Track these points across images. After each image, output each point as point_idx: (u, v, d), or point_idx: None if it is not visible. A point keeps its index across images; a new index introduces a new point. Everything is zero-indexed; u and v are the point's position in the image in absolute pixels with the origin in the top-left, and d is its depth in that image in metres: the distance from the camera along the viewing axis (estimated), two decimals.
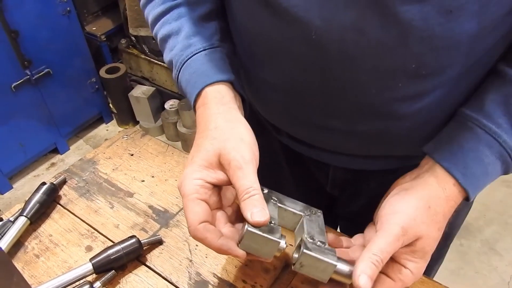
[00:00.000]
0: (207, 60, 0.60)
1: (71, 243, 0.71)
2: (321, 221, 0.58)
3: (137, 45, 2.46)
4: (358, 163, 0.72)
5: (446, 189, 0.54)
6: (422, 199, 0.53)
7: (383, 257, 0.50)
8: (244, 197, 0.50)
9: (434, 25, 0.46)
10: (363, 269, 0.49)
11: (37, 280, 0.66)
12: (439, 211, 0.53)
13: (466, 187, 0.53)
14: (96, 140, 2.61)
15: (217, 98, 0.58)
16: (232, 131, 0.54)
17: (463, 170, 0.54)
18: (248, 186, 0.50)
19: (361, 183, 0.80)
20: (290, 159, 0.85)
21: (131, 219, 0.75)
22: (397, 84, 0.53)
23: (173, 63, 0.63)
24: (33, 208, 0.73)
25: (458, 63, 0.52)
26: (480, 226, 2.06)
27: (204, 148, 0.54)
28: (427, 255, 0.53)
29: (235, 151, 0.52)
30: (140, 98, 2.46)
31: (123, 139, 0.90)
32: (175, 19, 0.64)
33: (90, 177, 0.82)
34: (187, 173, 0.53)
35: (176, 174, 0.82)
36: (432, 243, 0.53)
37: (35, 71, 2.14)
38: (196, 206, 0.51)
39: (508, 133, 0.53)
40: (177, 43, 0.63)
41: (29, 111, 2.21)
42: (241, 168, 0.51)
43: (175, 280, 0.65)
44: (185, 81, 0.61)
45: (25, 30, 2.04)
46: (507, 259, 1.93)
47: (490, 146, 0.53)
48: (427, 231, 0.52)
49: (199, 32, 0.62)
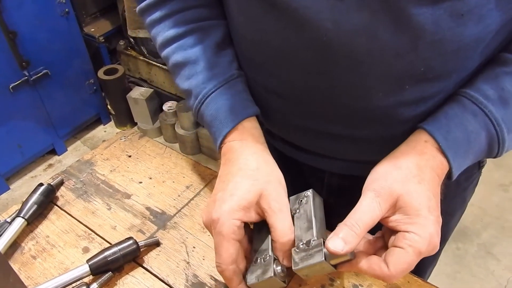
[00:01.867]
0: (233, 94, 0.62)
1: (68, 244, 0.71)
2: (309, 208, 0.57)
3: (136, 46, 2.46)
4: (355, 169, 0.72)
5: (416, 146, 0.53)
6: (389, 163, 0.54)
7: (357, 217, 0.50)
8: (282, 240, 0.55)
9: (445, 29, 0.46)
10: (335, 232, 0.50)
11: (34, 281, 0.66)
12: (411, 166, 0.52)
13: (446, 150, 0.52)
14: (94, 142, 2.61)
15: (255, 136, 0.61)
16: (272, 174, 0.58)
17: (445, 134, 0.53)
18: (287, 228, 0.55)
19: (357, 190, 0.80)
20: (285, 165, 0.85)
21: (129, 220, 0.74)
22: (404, 87, 0.53)
23: (192, 93, 0.64)
24: (30, 209, 0.73)
25: (464, 67, 0.52)
26: (477, 230, 2.06)
27: (245, 188, 0.56)
28: (422, 211, 0.50)
29: (276, 194, 0.56)
30: (138, 100, 2.46)
31: (121, 141, 0.90)
32: (190, 46, 0.64)
33: (88, 179, 0.82)
34: (225, 211, 0.55)
35: (173, 175, 0.82)
36: (418, 197, 0.50)
37: (33, 72, 2.14)
38: (231, 247, 0.55)
39: (495, 104, 0.52)
40: (195, 73, 0.63)
41: (27, 112, 2.20)
42: (282, 211, 0.55)
43: (172, 282, 0.65)
44: (210, 116, 0.62)
45: (24, 31, 2.04)
46: (503, 263, 1.93)
47: (475, 114, 0.53)
48: (404, 188, 0.51)
49: (219, 63, 0.64)
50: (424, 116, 0.57)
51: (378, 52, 0.50)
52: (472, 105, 0.53)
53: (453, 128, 0.53)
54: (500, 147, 0.54)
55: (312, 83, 0.57)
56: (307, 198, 0.58)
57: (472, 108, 0.53)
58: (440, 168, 0.53)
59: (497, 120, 0.52)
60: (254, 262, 0.57)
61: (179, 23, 0.66)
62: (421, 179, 0.51)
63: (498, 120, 0.52)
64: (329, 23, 0.49)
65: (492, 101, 0.53)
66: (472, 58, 0.52)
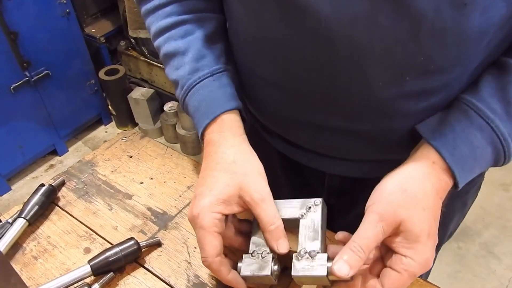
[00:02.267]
0: (217, 87, 0.62)
1: (69, 245, 0.71)
2: (317, 218, 0.58)
3: (137, 47, 2.47)
4: (355, 170, 0.71)
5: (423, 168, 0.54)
6: (396, 183, 0.54)
7: (362, 243, 0.51)
8: (270, 228, 0.56)
9: (446, 18, 0.46)
10: (340, 255, 0.51)
11: (35, 282, 0.66)
12: (417, 190, 0.53)
13: (453, 167, 0.53)
14: (95, 142, 2.61)
15: (233, 129, 0.61)
16: (249, 164, 0.59)
17: (452, 150, 0.53)
18: (272, 216, 0.56)
19: (358, 192, 0.80)
20: (286, 168, 0.85)
21: (130, 221, 0.74)
22: (404, 78, 0.52)
23: (179, 83, 0.65)
24: (32, 210, 0.73)
25: (466, 60, 0.52)
26: (478, 230, 2.06)
27: (224, 182, 0.57)
28: (421, 238, 0.51)
29: (256, 185, 0.57)
30: (139, 100, 2.46)
31: (122, 141, 0.90)
32: (181, 36, 0.65)
33: (89, 179, 0.82)
34: (205, 205, 0.56)
35: (174, 176, 0.82)
36: (420, 224, 0.52)
37: (34, 72, 2.14)
38: (214, 240, 0.56)
39: (502, 119, 0.52)
40: (183, 64, 0.64)
41: (28, 113, 2.21)
42: (264, 201, 0.56)
43: (173, 282, 0.65)
44: (193, 107, 0.63)
45: (24, 32, 2.04)
46: (505, 263, 1.93)
47: (481, 129, 0.53)
48: (408, 214, 0.52)
49: (206, 55, 0.64)
50: (426, 114, 0.57)
51: (378, 39, 0.49)
52: (479, 118, 0.53)
53: (460, 144, 0.53)
54: (506, 159, 0.55)
55: (312, 73, 0.56)
56: (316, 207, 0.59)
57: (479, 122, 0.53)
58: (444, 190, 0.54)
59: (503, 135, 0.53)
60: (251, 254, 0.57)
61: (172, 14, 0.66)
62: (426, 206, 0.53)
63: (504, 135, 0.53)
64: (328, 9, 0.48)
65: (499, 116, 0.53)
66: (474, 54, 0.51)
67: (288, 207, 0.60)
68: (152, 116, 2.54)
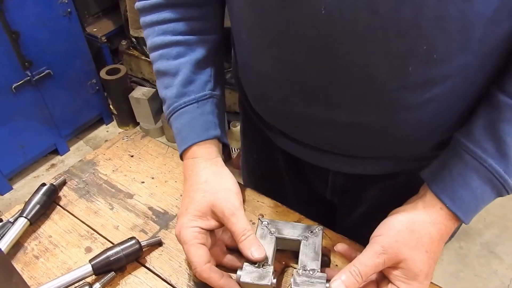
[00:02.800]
0: (199, 114, 0.68)
1: (70, 244, 0.71)
2: (318, 242, 0.63)
3: (138, 46, 2.47)
4: (358, 167, 0.71)
5: (432, 214, 0.57)
6: (405, 223, 0.57)
7: (361, 268, 0.54)
8: (242, 239, 0.60)
9: (449, 4, 0.45)
10: (339, 275, 0.54)
11: (37, 281, 0.66)
12: (424, 233, 0.56)
13: (454, 210, 0.56)
14: (96, 141, 2.61)
15: (205, 155, 0.67)
16: (220, 183, 0.64)
17: (451, 195, 0.56)
18: (243, 228, 0.60)
19: (360, 189, 0.80)
20: (290, 167, 0.85)
21: (131, 220, 0.75)
22: (407, 68, 0.52)
23: (166, 102, 0.70)
24: (33, 209, 0.73)
25: (470, 49, 0.51)
26: (479, 229, 2.06)
27: (197, 200, 0.62)
28: (419, 277, 0.55)
29: (226, 201, 0.61)
30: (141, 100, 2.46)
31: (123, 141, 0.90)
32: (173, 57, 0.68)
33: (90, 178, 0.82)
34: (183, 223, 0.61)
35: (176, 175, 0.82)
36: (420, 265, 0.55)
37: (35, 72, 2.14)
38: (198, 250, 0.59)
39: (494, 158, 0.54)
40: (172, 85, 0.68)
41: (29, 112, 2.21)
42: (234, 215, 0.60)
43: (174, 281, 0.65)
44: (176, 129, 0.69)
45: (26, 31, 2.04)
46: (506, 262, 1.93)
47: (477, 170, 0.55)
48: (411, 253, 0.55)
49: (194, 80, 0.69)
50: (429, 106, 0.56)
51: (379, 28, 0.49)
52: (473, 160, 0.55)
53: (457, 187, 0.56)
54: (509, 192, 0.56)
55: (314, 64, 0.56)
56: (318, 232, 0.64)
57: (473, 164, 0.55)
58: (448, 234, 0.58)
59: (498, 173, 0.54)
60: (251, 262, 0.60)
61: (168, 32, 0.68)
62: (429, 249, 0.56)
63: (500, 173, 0.54)
64: None
65: (491, 155, 0.54)
66: (480, 41, 0.50)
67: (290, 228, 0.65)
68: (153, 115, 2.54)
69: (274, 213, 0.74)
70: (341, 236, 0.70)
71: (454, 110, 0.59)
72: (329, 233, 0.70)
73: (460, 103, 0.58)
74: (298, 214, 0.73)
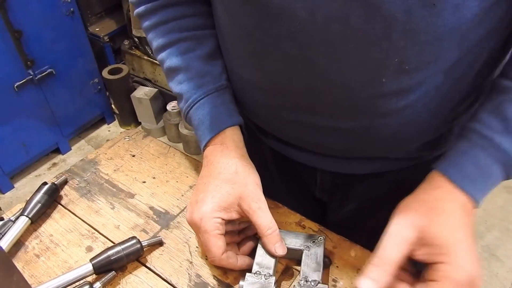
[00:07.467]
0: (220, 103, 0.67)
1: (71, 243, 0.71)
2: (320, 252, 0.63)
3: (140, 46, 2.47)
4: (345, 166, 0.72)
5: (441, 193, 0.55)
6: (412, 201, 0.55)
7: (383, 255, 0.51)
8: (268, 233, 0.61)
9: (417, 18, 0.46)
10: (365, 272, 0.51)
11: (37, 280, 0.66)
12: (446, 209, 0.53)
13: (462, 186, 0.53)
14: (98, 141, 2.62)
15: (235, 142, 0.66)
16: (249, 177, 0.63)
17: (459, 173, 0.54)
18: (269, 222, 0.61)
19: (349, 187, 0.80)
20: (280, 164, 0.85)
21: (132, 220, 0.75)
22: (381, 79, 0.53)
23: (183, 97, 0.69)
24: (34, 208, 0.73)
25: (442, 58, 0.52)
26: (481, 232, 2.05)
27: (226, 191, 0.62)
28: (454, 245, 0.51)
29: (254, 195, 0.62)
30: (143, 99, 2.46)
31: (124, 140, 0.90)
32: (183, 52, 0.68)
33: (91, 178, 0.82)
34: (206, 211, 0.61)
35: (177, 175, 0.82)
36: (452, 233, 0.52)
37: (38, 71, 2.15)
38: (218, 241, 0.61)
39: (501, 135, 0.53)
40: (187, 79, 0.67)
41: (31, 111, 2.21)
42: (261, 208, 0.61)
43: (175, 281, 0.65)
44: (198, 120, 0.67)
45: (29, 30, 2.05)
46: (508, 265, 1.92)
47: (484, 148, 0.54)
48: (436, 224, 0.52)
49: (209, 72, 0.68)
50: (406, 111, 0.57)
51: (352, 40, 0.50)
52: (480, 139, 0.54)
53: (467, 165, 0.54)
54: None
55: (293, 75, 0.58)
56: (320, 242, 0.64)
57: (481, 143, 0.54)
58: (462, 204, 0.54)
59: (506, 150, 0.53)
60: (254, 273, 0.60)
61: (172, 31, 0.68)
62: (455, 222, 0.53)
63: (507, 151, 0.53)
64: (302, 11, 0.49)
65: (498, 133, 0.53)
66: (450, 49, 0.51)
67: (293, 237, 0.65)
68: (155, 115, 2.54)
69: (275, 214, 0.73)
70: (342, 237, 0.69)
71: (436, 111, 0.60)
72: (329, 233, 0.70)
73: (443, 104, 0.59)
74: (299, 215, 0.73)
